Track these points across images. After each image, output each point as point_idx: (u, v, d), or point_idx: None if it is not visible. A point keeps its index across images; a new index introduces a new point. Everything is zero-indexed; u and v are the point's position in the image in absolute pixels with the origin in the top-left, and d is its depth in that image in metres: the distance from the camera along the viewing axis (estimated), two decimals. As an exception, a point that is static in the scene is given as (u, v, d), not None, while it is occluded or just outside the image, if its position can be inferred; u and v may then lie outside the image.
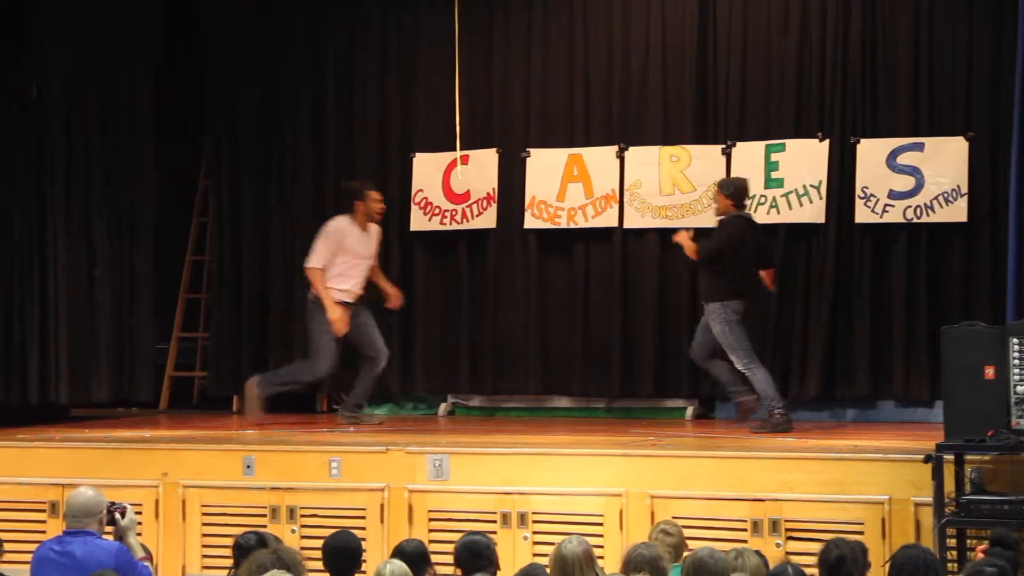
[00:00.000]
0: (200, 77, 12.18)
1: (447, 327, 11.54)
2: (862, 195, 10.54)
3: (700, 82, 10.98)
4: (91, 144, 11.22)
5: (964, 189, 10.32)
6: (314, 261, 10.37)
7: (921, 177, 10.42)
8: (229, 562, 6.59)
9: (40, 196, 10.97)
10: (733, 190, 9.99)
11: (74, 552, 6.42)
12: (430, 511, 8.81)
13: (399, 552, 6.54)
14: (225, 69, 12.06)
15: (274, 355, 11.81)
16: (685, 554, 6.96)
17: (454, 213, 11.44)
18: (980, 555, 6.92)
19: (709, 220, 10.85)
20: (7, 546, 7.30)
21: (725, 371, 9.95)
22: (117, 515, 6.62)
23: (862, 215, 10.55)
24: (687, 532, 7.26)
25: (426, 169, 11.55)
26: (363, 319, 10.46)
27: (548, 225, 11.20)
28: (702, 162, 10.92)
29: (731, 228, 9.88)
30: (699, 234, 10.20)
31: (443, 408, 11.64)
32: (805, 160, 10.68)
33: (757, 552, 6.45)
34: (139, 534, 7.08)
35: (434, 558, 6.71)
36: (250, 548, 6.30)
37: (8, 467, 9.48)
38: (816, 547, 6.77)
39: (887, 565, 6.20)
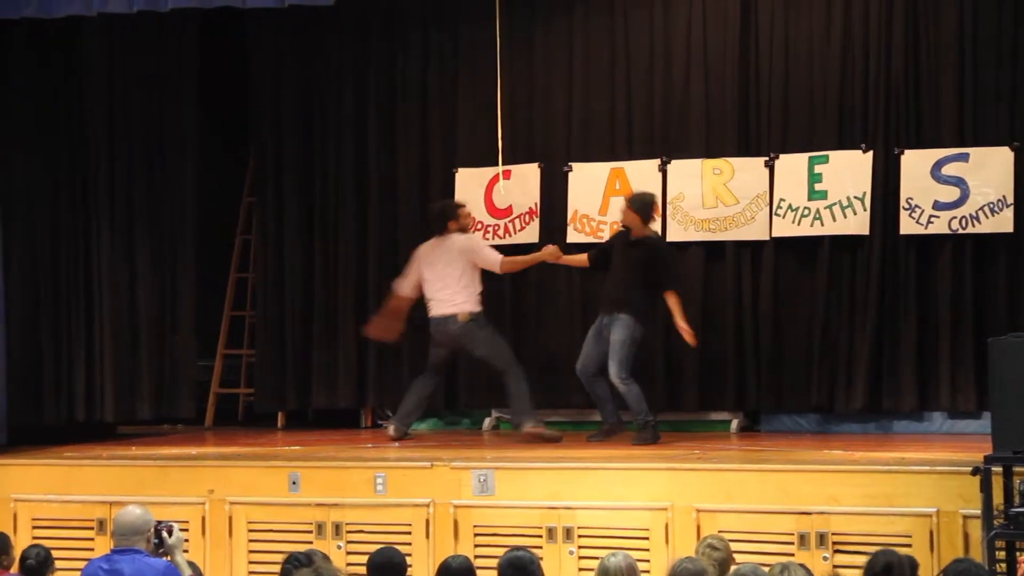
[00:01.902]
0: (243, 95, 12.24)
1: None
2: (907, 206, 10.49)
3: (742, 94, 10.96)
4: (135, 164, 11.29)
5: (1010, 200, 10.24)
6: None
7: (966, 187, 10.36)
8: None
9: (85, 216, 11.08)
10: (640, 205, 10.12)
11: (122, 570, 6.47)
12: (475, 526, 8.81)
13: (444, 568, 6.54)
14: (268, 87, 12.12)
15: (319, 371, 11.84)
16: (733, 568, 6.95)
17: (496, 228, 11.45)
18: (1024, 567, 6.89)
19: (752, 233, 10.85)
20: (56, 564, 7.32)
21: (607, 391, 10.06)
22: (164, 533, 6.65)
23: (907, 226, 10.49)
24: (733, 546, 7.22)
25: (468, 184, 11.56)
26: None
27: (591, 239, 11.18)
28: (745, 175, 10.89)
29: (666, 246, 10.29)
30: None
31: (487, 423, 11.64)
32: (849, 171, 10.63)
33: (802, 566, 6.41)
34: (186, 551, 7.12)
35: (480, 574, 6.70)
36: (299, 565, 6.31)
37: (56, 485, 9.55)
38: (863, 560, 6.76)
39: (937, 579, 6.18)
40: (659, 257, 10.18)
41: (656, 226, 10.63)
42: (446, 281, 10.43)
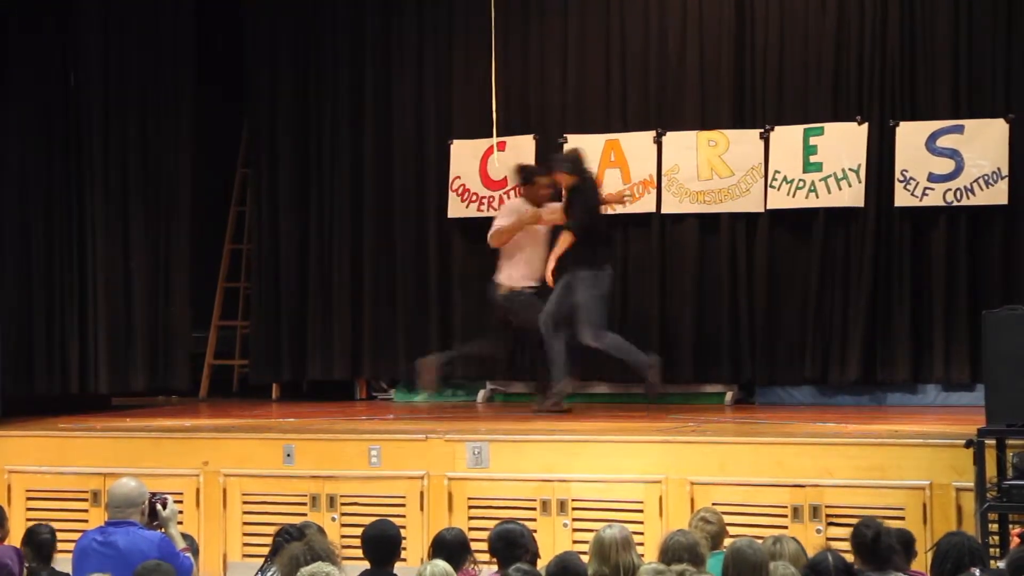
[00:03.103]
0: (239, 66, 12.21)
1: (485, 313, 11.51)
2: (901, 178, 10.48)
3: (738, 66, 10.94)
4: (129, 134, 11.26)
5: (1005, 171, 10.24)
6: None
7: (961, 160, 10.35)
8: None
9: (79, 187, 11.05)
10: (571, 165, 10.20)
11: (117, 543, 6.48)
12: (470, 499, 8.82)
13: (439, 541, 6.55)
14: (264, 58, 12.09)
15: (314, 342, 11.85)
16: (726, 541, 6.97)
17: (491, 200, 11.43)
18: (1016, 539, 6.91)
19: (747, 205, 10.85)
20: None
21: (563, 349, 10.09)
22: (159, 506, 6.66)
23: (901, 198, 10.49)
24: (727, 519, 7.25)
25: (463, 156, 11.55)
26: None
27: (585, 211, 11.16)
28: (740, 147, 10.88)
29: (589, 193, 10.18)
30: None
31: (482, 395, 11.65)
32: (844, 144, 10.62)
33: (794, 539, 6.44)
34: (180, 522, 7.13)
35: (474, 546, 6.73)
36: (291, 539, 6.32)
37: (51, 456, 9.56)
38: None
39: (931, 552, 6.19)
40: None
41: (651, 197, 10.67)
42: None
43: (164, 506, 6.71)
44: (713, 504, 8.07)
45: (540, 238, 10.48)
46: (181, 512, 8.27)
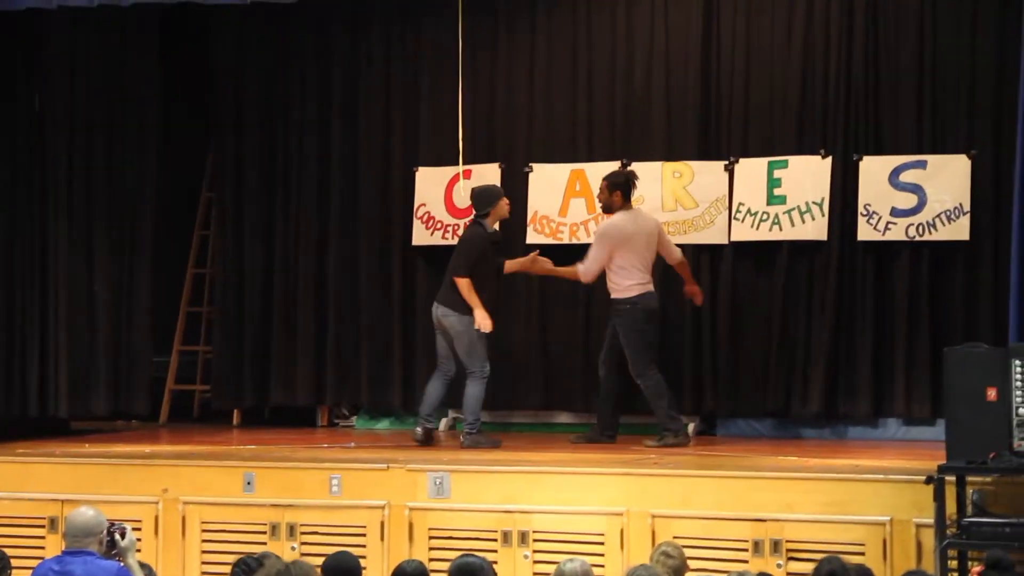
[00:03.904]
0: (204, 90, 12.18)
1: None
2: (864, 212, 10.53)
3: (703, 98, 10.98)
4: (93, 155, 11.21)
5: (966, 207, 10.30)
6: None
7: (923, 195, 10.41)
8: (229, 576, 6.57)
9: (41, 208, 10.99)
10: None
11: (74, 572, 6.43)
12: (431, 529, 8.79)
13: (399, 573, 6.51)
14: (230, 82, 12.07)
15: (276, 368, 11.81)
16: (687, 575, 6.98)
17: (456, 227, 11.42)
18: (975, 576, 6.93)
19: (711, 236, 10.88)
20: (6, 563, 7.26)
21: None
22: (117, 535, 6.61)
23: (864, 232, 10.54)
24: (688, 552, 7.23)
25: (429, 183, 11.54)
26: None
27: (550, 240, 11.18)
28: (705, 178, 10.91)
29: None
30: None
31: (444, 423, 11.60)
32: (808, 177, 10.66)
33: (762, 574, 6.45)
34: (139, 550, 7.07)
35: (435, 576, 6.70)
36: (249, 570, 6.28)
37: (8, 482, 9.48)
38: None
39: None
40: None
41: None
42: None
43: (123, 536, 6.66)
44: (674, 537, 8.06)
45: None
46: (140, 540, 8.24)
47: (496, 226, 10.40)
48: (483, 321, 10.05)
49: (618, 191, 10.20)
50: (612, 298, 10.17)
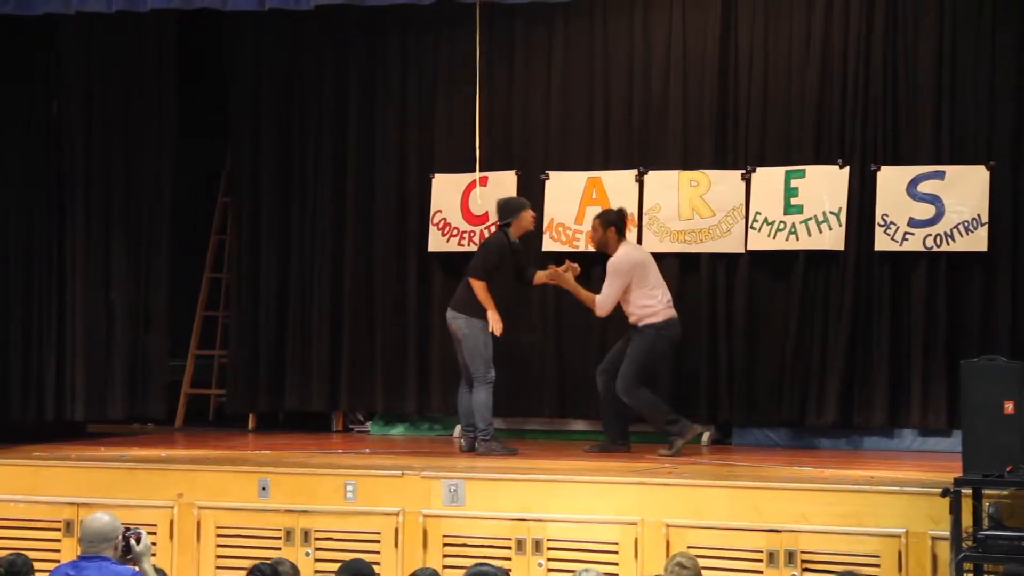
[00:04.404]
0: (222, 95, 12.20)
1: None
2: (882, 223, 10.51)
3: (720, 107, 10.96)
4: (111, 161, 11.24)
5: (984, 218, 10.27)
6: None
7: (941, 205, 10.39)
8: (243, 585, 6.58)
9: (60, 213, 11.02)
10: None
11: (89, 577, 6.42)
12: (445, 536, 8.79)
13: (413, 581, 6.52)
14: (248, 89, 12.08)
15: (291, 373, 11.82)
16: (701, 587, 6.97)
17: (472, 234, 11.43)
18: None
19: (727, 245, 10.87)
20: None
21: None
22: (132, 541, 6.60)
23: (881, 243, 10.52)
24: (702, 563, 7.21)
25: (445, 190, 11.55)
26: None
27: (566, 248, 11.17)
28: (722, 187, 10.90)
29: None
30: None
31: (458, 429, 11.59)
32: (825, 187, 10.65)
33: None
34: (153, 554, 7.08)
35: (448, 586, 6.71)
36: (264, 576, 6.29)
37: (24, 485, 9.49)
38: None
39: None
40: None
41: (632, 236, 10.69)
42: None
43: (138, 541, 6.65)
44: (688, 547, 8.09)
45: None
46: (154, 544, 8.25)
47: (516, 237, 10.39)
48: (496, 324, 10.06)
49: (612, 227, 10.23)
50: (638, 325, 10.14)
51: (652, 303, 10.13)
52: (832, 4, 10.71)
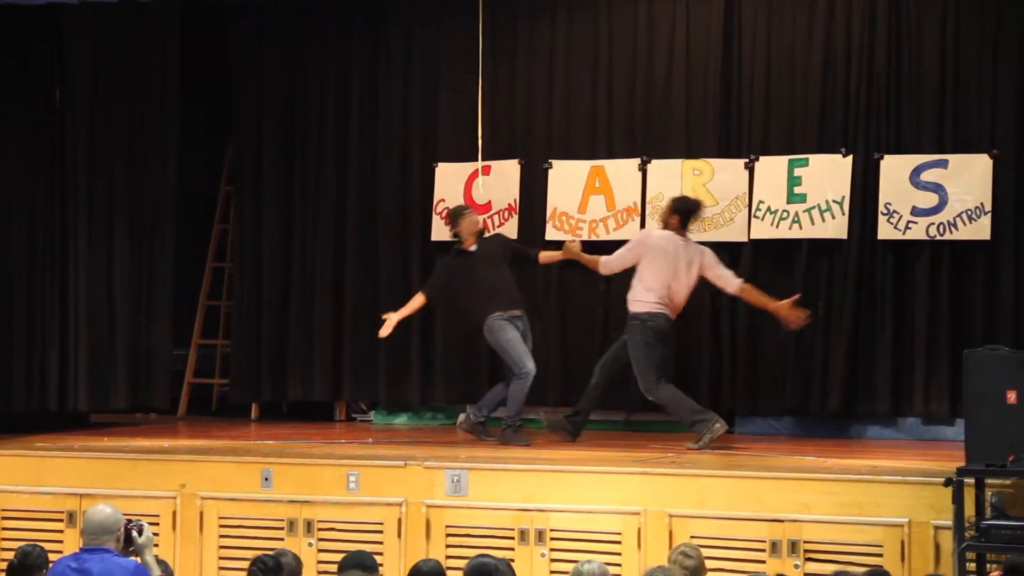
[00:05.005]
0: (225, 84, 12.18)
1: (467, 337, 11.52)
2: (885, 211, 10.50)
3: (724, 96, 10.95)
4: (114, 150, 11.24)
5: (988, 207, 10.26)
6: None
7: (945, 194, 10.37)
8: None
9: (62, 201, 11.01)
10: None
11: (91, 570, 6.43)
12: (448, 527, 8.79)
13: (416, 572, 6.51)
14: (250, 78, 12.07)
15: (294, 363, 11.82)
16: (706, 578, 6.98)
17: (477, 223, 11.41)
18: (997, 582, 6.91)
19: (731, 234, 10.85)
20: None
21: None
22: (134, 533, 6.61)
23: (885, 231, 10.50)
24: (705, 552, 7.22)
25: (448, 179, 11.54)
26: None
27: (569, 237, 11.14)
28: (725, 176, 10.89)
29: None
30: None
31: (462, 418, 11.60)
32: (828, 175, 10.63)
33: (776, 577, 6.45)
34: (156, 545, 7.09)
35: (451, 575, 6.70)
36: (266, 570, 6.29)
37: (27, 476, 9.49)
38: (833, 569, 6.78)
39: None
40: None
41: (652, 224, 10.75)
42: None
43: (140, 533, 6.66)
44: (691, 537, 8.08)
45: None
46: (157, 535, 8.27)
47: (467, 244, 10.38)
48: (385, 329, 10.33)
49: (677, 215, 10.12)
50: (629, 312, 10.12)
51: (647, 295, 10.03)
52: (835, -7, 10.71)
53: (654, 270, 10.05)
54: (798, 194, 10.71)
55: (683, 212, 10.14)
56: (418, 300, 10.41)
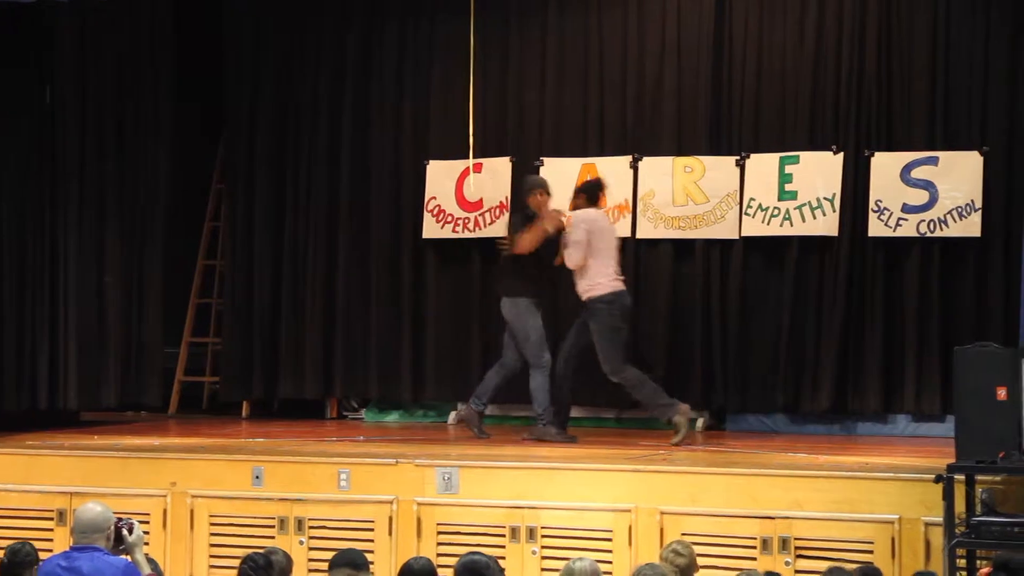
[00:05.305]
0: (218, 81, 12.17)
1: (458, 334, 11.53)
2: (875, 208, 10.51)
3: (715, 93, 10.96)
4: (105, 148, 11.21)
5: (978, 204, 10.28)
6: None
7: (935, 191, 10.39)
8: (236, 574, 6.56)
9: (52, 199, 10.98)
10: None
11: (81, 568, 6.39)
12: (439, 524, 8.77)
13: (407, 570, 6.50)
14: (243, 74, 12.07)
15: (285, 360, 11.81)
16: (697, 574, 6.97)
17: (467, 221, 11.42)
18: (984, 576, 6.91)
19: (722, 231, 10.86)
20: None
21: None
22: (124, 531, 6.59)
23: (875, 228, 10.51)
24: (697, 549, 7.23)
25: (439, 177, 11.53)
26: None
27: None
28: (716, 173, 10.90)
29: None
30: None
31: (453, 416, 11.62)
32: (819, 172, 10.64)
33: (770, 574, 6.43)
34: (146, 544, 7.07)
35: (442, 572, 6.68)
36: (257, 567, 6.28)
37: (17, 474, 9.45)
38: (826, 566, 6.77)
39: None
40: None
41: (626, 222, 10.78)
42: None
43: (130, 531, 6.64)
44: (683, 534, 8.07)
45: None
46: (148, 534, 8.26)
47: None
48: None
49: (583, 195, 10.13)
50: (586, 298, 9.99)
51: (597, 276, 9.94)
52: (826, -10, 10.71)
53: (604, 248, 9.99)
54: (789, 191, 10.72)
55: (589, 191, 10.15)
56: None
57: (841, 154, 10.59)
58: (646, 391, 9.99)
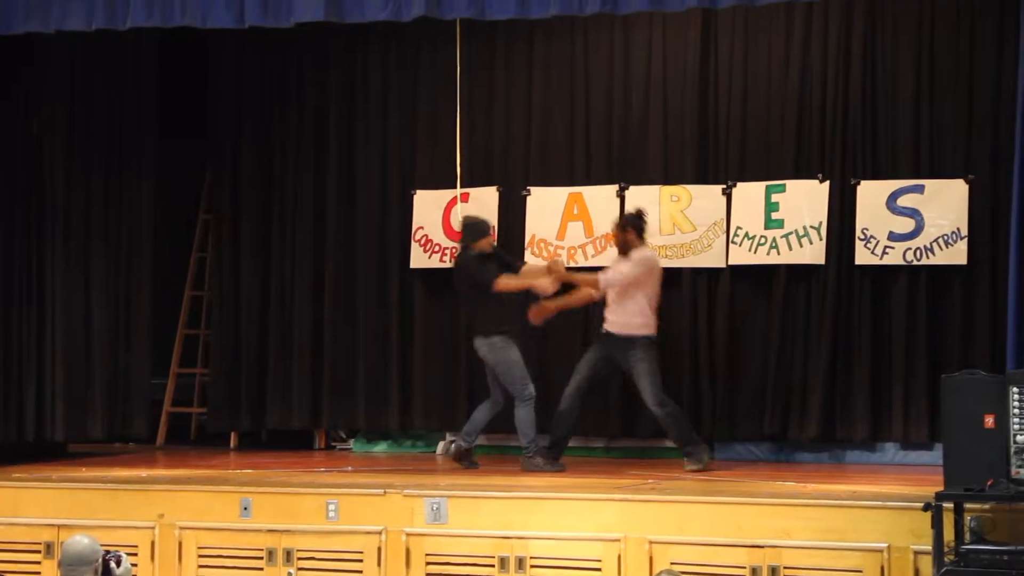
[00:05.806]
0: (202, 111, 12.18)
1: (446, 364, 11.53)
2: (862, 236, 10.54)
3: (701, 122, 10.99)
4: (91, 178, 11.21)
5: (964, 232, 10.31)
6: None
7: (921, 219, 10.42)
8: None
9: (39, 230, 10.97)
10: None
11: (68, 601, 6.37)
12: (427, 555, 8.76)
13: (395, 601, 6.51)
14: (227, 104, 12.09)
15: (273, 391, 11.80)
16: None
17: (454, 251, 11.41)
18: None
19: (709, 260, 10.88)
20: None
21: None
22: (112, 564, 6.56)
23: (862, 256, 10.54)
24: (685, 579, 7.22)
25: (427, 206, 11.55)
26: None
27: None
28: (703, 202, 10.92)
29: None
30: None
31: (441, 446, 11.61)
32: (805, 201, 10.67)
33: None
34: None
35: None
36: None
37: (4, 507, 9.43)
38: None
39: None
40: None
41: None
42: None
43: (118, 564, 6.61)
44: (672, 563, 8.07)
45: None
46: (136, 566, 8.23)
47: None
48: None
49: (632, 229, 10.14)
50: (627, 335, 10.06)
51: (647, 315, 10.09)
52: (811, 21, 10.76)
53: (651, 289, 10.09)
54: (775, 220, 10.75)
55: (637, 226, 10.18)
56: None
57: (827, 183, 10.63)
58: (681, 429, 10.11)
